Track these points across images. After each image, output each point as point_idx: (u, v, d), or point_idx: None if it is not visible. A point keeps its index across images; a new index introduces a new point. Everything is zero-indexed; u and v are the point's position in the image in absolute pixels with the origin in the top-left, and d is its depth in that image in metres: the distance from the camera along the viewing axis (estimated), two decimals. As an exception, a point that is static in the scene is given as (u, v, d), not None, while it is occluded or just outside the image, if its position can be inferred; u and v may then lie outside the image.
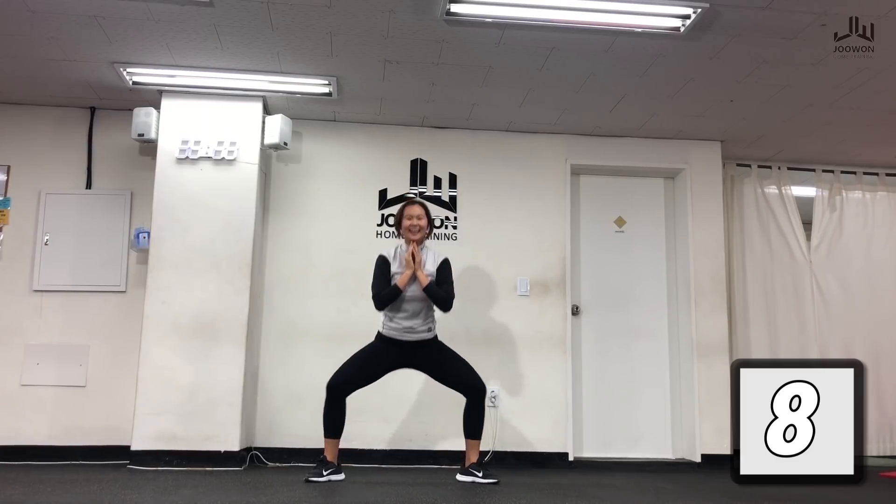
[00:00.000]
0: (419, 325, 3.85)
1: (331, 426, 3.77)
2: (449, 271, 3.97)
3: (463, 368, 3.89)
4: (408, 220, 3.93)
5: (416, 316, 3.84)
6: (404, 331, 3.84)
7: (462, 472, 3.84)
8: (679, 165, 5.30)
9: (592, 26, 3.69)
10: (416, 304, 3.83)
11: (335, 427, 3.78)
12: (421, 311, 3.85)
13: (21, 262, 4.74)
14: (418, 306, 3.84)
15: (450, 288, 3.92)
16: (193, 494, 3.32)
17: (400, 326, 3.84)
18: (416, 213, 3.95)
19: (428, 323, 3.89)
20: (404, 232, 3.96)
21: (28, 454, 4.50)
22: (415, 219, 3.93)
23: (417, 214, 3.94)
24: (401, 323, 3.84)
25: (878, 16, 3.52)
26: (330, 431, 3.78)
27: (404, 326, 3.83)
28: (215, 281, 4.48)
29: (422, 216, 3.95)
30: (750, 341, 5.35)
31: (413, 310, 3.83)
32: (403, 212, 3.99)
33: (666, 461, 5.05)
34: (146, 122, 4.58)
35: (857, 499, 3.44)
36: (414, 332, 3.84)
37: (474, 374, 3.88)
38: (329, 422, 3.77)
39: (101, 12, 3.67)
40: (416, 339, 3.85)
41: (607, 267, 5.29)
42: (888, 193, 5.72)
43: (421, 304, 3.84)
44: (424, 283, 3.79)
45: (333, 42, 3.95)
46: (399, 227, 4.02)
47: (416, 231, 3.91)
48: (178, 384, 4.36)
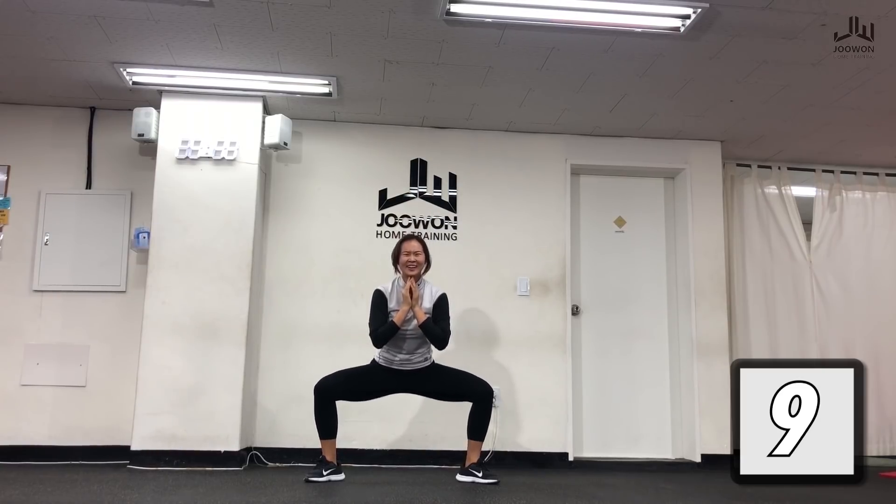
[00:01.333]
0: (416, 359, 3.87)
1: (323, 428, 3.78)
2: (446, 307, 3.94)
3: (464, 380, 3.89)
4: (405, 256, 3.92)
5: (414, 352, 3.86)
6: (401, 362, 3.86)
7: (462, 472, 3.85)
8: (679, 165, 5.30)
9: (592, 26, 3.69)
10: (414, 342, 3.84)
11: (328, 428, 3.79)
12: (418, 348, 3.86)
13: (21, 262, 4.74)
14: (415, 343, 3.85)
15: (446, 325, 3.90)
16: (193, 494, 3.32)
17: (396, 359, 3.86)
18: (413, 248, 3.93)
19: (425, 355, 3.90)
20: (402, 267, 3.93)
21: (28, 454, 4.50)
22: (412, 255, 3.91)
23: (415, 250, 3.93)
24: (397, 356, 3.85)
25: (878, 16, 3.52)
26: (323, 433, 3.79)
27: (401, 359, 3.85)
28: (215, 281, 4.48)
29: (419, 252, 3.94)
30: (750, 341, 5.35)
31: (410, 347, 3.85)
32: (401, 247, 3.97)
33: (666, 461, 5.05)
34: (146, 122, 4.58)
35: (857, 499, 3.44)
36: (410, 364, 3.86)
37: (478, 380, 3.88)
38: (320, 424, 3.78)
39: (101, 12, 3.67)
40: (413, 369, 3.87)
41: (607, 267, 5.29)
42: (888, 193, 5.72)
43: (418, 342, 3.85)
44: (422, 320, 3.78)
45: (333, 42, 3.95)
46: (396, 261, 4.00)
47: (413, 267, 3.89)
48: (178, 384, 4.36)
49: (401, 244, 4.00)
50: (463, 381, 3.89)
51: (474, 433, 3.85)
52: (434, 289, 3.97)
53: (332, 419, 3.80)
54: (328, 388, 3.79)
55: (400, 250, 3.98)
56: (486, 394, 3.82)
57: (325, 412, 3.77)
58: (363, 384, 3.88)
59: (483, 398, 3.82)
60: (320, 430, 3.78)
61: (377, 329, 3.83)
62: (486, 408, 3.83)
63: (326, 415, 3.78)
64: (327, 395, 3.78)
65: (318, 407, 3.77)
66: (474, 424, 3.84)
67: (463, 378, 3.90)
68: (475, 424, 3.84)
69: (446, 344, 3.89)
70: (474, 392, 3.84)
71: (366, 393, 3.93)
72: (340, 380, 3.83)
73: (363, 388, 3.90)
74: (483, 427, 3.84)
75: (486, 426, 3.85)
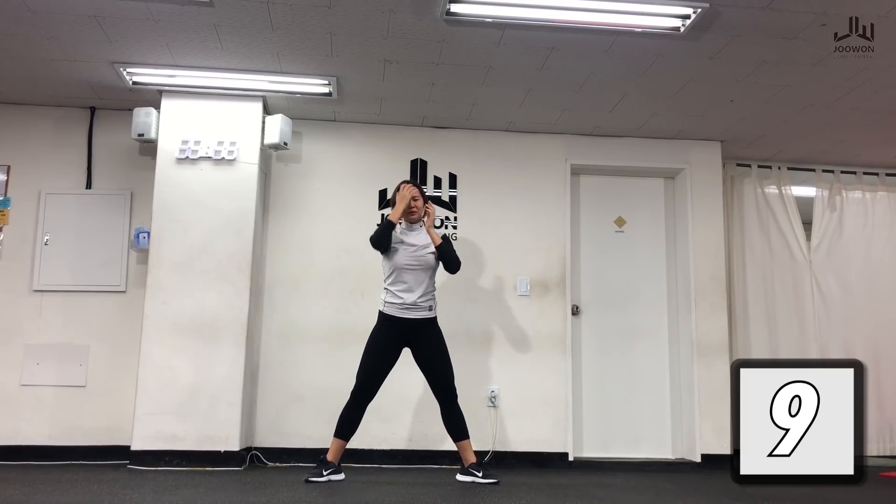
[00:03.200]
0: (420, 300, 3.84)
1: (345, 427, 3.78)
2: (450, 243, 4.04)
3: (448, 369, 3.89)
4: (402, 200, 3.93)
5: (416, 289, 3.83)
6: (405, 307, 3.83)
7: (462, 472, 3.85)
8: (679, 165, 5.30)
9: (592, 26, 3.69)
10: (417, 275, 3.84)
11: (349, 429, 3.79)
12: (422, 282, 3.85)
13: (21, 262, 4.74)
14: (419, 277, 3.84)
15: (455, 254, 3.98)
16: (193, 494, 3.32)
17: (401, 301, 3.83)
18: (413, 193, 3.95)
19: (429, 300, 3.89)
20: None
21: (28, 454, 4.50)
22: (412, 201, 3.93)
23: (414, 195, 3.95)
24: (402, 297, 3.83)
25: (878, 16, 3.52)
26: (342, 432, 3.78)
27: (405, 302, 3.82)
28: (215, 281, 4.48)
29: (417, 196, 3.96)
30: (750, 341, 5.35)
31: (413, 281, 3.83)
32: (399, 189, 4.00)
33: (666, 461, 5.05)
34: (146, 122, 4.58)
35: (857, 499, 3.44)
36: (415, 309, 3.84)
37: (451, 376, 3.89)
38: (345, 422, 3.77)
39: (101, 12, 3.67)
40: (418, 317, 3.84)
41: (607, 267, 5.29)
42: (888, 193, 5.72)
43: (422, 275, 3.85)
44: (437, 242, 3.88)
45: (333, 42, 3.95)
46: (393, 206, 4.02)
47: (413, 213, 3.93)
48: (178, 384, 4.36)
49: (397, 191, 4.02)
50: (447, 368, 3.88)
51: (457, 434, 3.85)
52: None
53: (357, 421, 3.80)
54: (369, 384, 3.78)
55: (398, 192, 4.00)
56: (447, 391, 3.84)
57: (354, 412, 3.78)
58: (385, 348, 3.83)
59: (450, 395, 3.84)
60: (341, 428, 3.77)
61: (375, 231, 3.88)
62: (454, 406, 3.85)
63: (355, 415, 3.78)
64: (370, 390, 3.78)
65: (351, 406, 3.78)
66: (451, 426, 3.86)
67: (445, 364, 3.88)
68: (452, 426, 3.86)
69: (459, 267, 3.97)
70: (440, 384, 3.84)
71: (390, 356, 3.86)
72: (371, 365, 3.80)
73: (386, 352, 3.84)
74: (461, 425, 3.85)
75: (463, 423, 3.86)
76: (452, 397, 3.85)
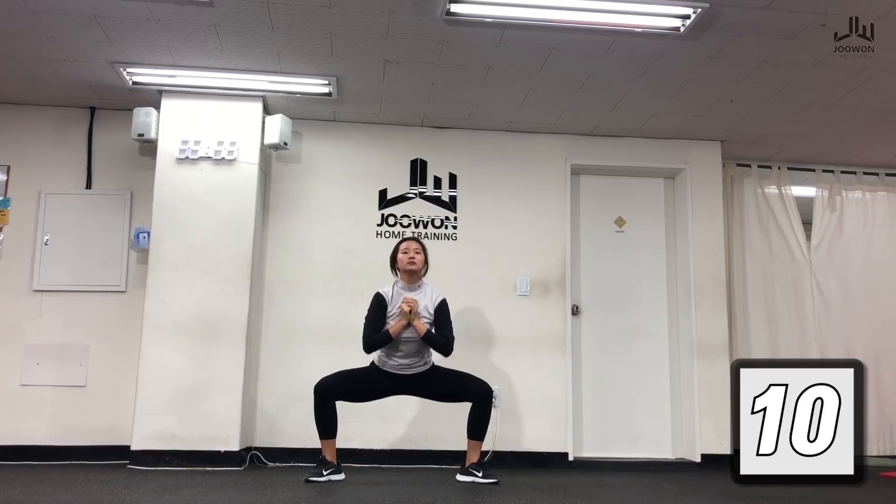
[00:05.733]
0: (415, 363, 3.86)
1: (323, 427, 3.78)
2: (448, 314, 3.94)
3: (464, 381, 3.88)
4: (404, 254, 3.92)
5: (413, 356, 3.84)
6: (400, 367, 3.85)
7: (462, 472, 3.85)
8: (679, 165, 5.30)
9: (592, 26, 3.69)
10: (412, 346, 3.83)
11: (327, 428, 3.78)
12: (417, 351, 3.84)
13: (21, 262, 4.74)
14: (414, 347, 3.83)
15: (449, 332, 3.89)
16: (193, 494, 3.32)
17: (396, 364, 3.85)
18: (413, 246, 3.95)
19: (424, 359, 3.88)
20: (401, 265, 3.94)
21: (28, 454, 4.49)
22: (412, 251, 3.92)
23: (415, 248, 3.94)
24: (397, 361, 3.84)
25: (878, 16, 3.52)
26: (323, 432, 3.78)
27: (400, 364, 3.84)
28: (215, 281, 4.48)
29: (419, 250, 3.95)
30: (750, 341, 5.35)
31: (409, 350, 3.83)
32: (399, 246, 4.00)
33: (666, 461, 5.05)
34: (146, 122, 4.58)
35: (857, 499, 3.44)
36: (410, 368, 3.86)
37: (477, 380, 3.87)
38: (320, 423, 3.77)
39: (101, 12, 3.67)
40: (412, 374, 3.86)
41: (607, 267, 5.29)
42: (888, 193, 5.72)
43: (417, 345, 3.83)
44: (422, 333, 3.77)
45: (333, 42, 3.95)
46: (394, 263, 4.01)
47: (412, 265, 3.89)
48: (178, 384, 4.36)
49: (399, 244, 4.02)
50: (462, 381, 3.88)
51: (474, 433, 3.84)
52: (434, 294, 3.96)
53: (331, 419, 3.79)
54: (328, 389, 3.78)
55: (398, 250, 3.99)
56: (485, 393, 3.82)
57: (324, 412, 3.77)
58: (362, 385, 3.88)
59: (482, 398, 3.81)
60: (320, 429, 3.78)
61: (371, 336, 3.83)
62: (486, 407, 3.82)
63: (326, 415, 3.77)
64: (327, 395, 3.77)
65: (318, 407, 3.77)
66: (474, 424, 3.84)
67: (462, 378, 3.89)
68: (475, 424, 3.84)
69: (451, 350, 3.89)
70: (474, 392, 3.83)
71: (365, 394, 3.93)
72: (340, 380, 3.83)
73: (362, 389, 3.89)
74: (483, 427, 3.84)
75: (486, 426, 3.84)
76: (488, 397, 3.81)
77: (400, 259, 3.94)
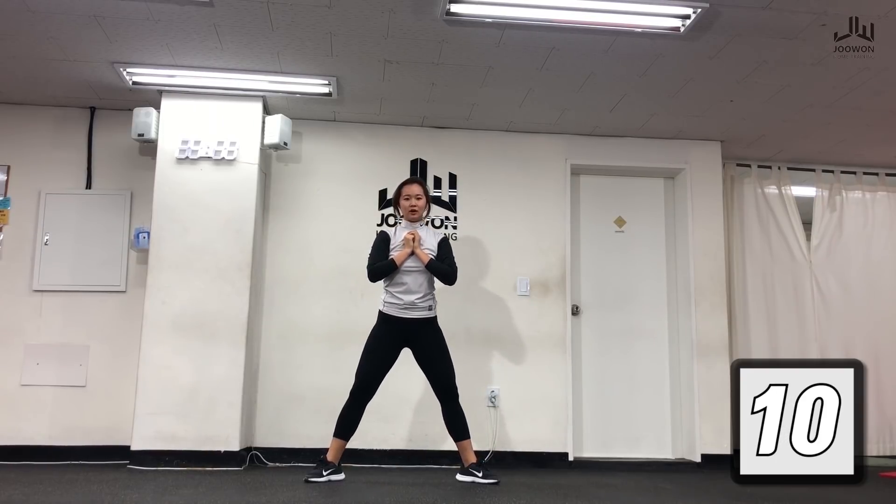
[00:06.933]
0: (419, 301, 3.83)
1: (344, 427, 3.77)
2: (449, 248, 3.98)
3: (448, 368, 3.88)
4: (406, 200, 3.93)
5: (416, 290, 3.82)
6: (404, 307, 3.81)
7: (462, 472, 3.85)
8: (679, 165, 5.30)
9: (592, 26, 3.69)
10: (416, 277, 3.82)
11: (348, 429, 3.78)
12: (420, 284, 3.83)
13: (21, 262, 4.74)
14: (418, 279, 3.82)
15: (451, 262, 3.93)
16: (193, 494, 3.32)
17: (400, 302, 3.82)
18: (414, 191, 3.93)
19: (428, 300, 3.87)
20: (403, 211, 3.95)
21: (28, 454, 4.50)
22: (413, 198, 3.92)
23: (416, 193, 3.93)
24: (401, 298, 3.82)
25: (878, 16, 3.52)
26: (341, 432, 3.77)
27: (405, 302, 3.81)
28: (215, 281, 4.48)
29: (420, 195, 3.94)
30: (750, 341, 5.35)
31: (412, 283, 3.82)
32: (401, 190, 3.97)
33: (666, 461, 5.05)
34: (146, 122, 4.58)
35: (857, 499, 3.44)
36: (414, 309, 3.82)
37: (452, 376, 3.87)
38: (343, 422, 3.77)
39: (101, 12, 3.67)
40: (417, 317, 3.83)
41: (607, 267, 5.29)
42: (888, 193, 5.72)
43: (420, 277, 3.83)
44: (426, 261, 3.80)
45: (333, 42, 3.95)
46: (397, 205, 4.02)
47: (415, 211, 3.91)
48: (178, 384, 4.36)
49: (401, 187, 3.99)
50: (448, 367, 3.87)
51: (458, 434, 3.84)
52: (435, 232, 4.00)
53: (356, 421, 3.79)
54: (368, 383, 3.77)
55: (400, 193, 3.97)
56: (448, 390, 3.83)
57: (353, 412, 3.77)
58: (383, 349, 3.82)
59: (451, 395, 3.83)
60: (340, 428, 3.76)
61: (375, 263, 3.84)
62: (456, 406, 3.84)
63: (354, 415, 3.77)
64: (368, 389, 3.77)
65: (350, 406, 3.77)
66: (452, 426, 3.84)
67: (446, 365, 3.86)
68: (453, 426, 3.84)
69: (455, 278, 3.92)
70: (441, 384, 3.82)
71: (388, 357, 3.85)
72: (369, 365, 3.79)
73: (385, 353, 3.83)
74: (462, 425, 3.84)
75: (463, 424, 3.84)
76: (453, 396, 3.85)
77: (402, 205, 3.95)
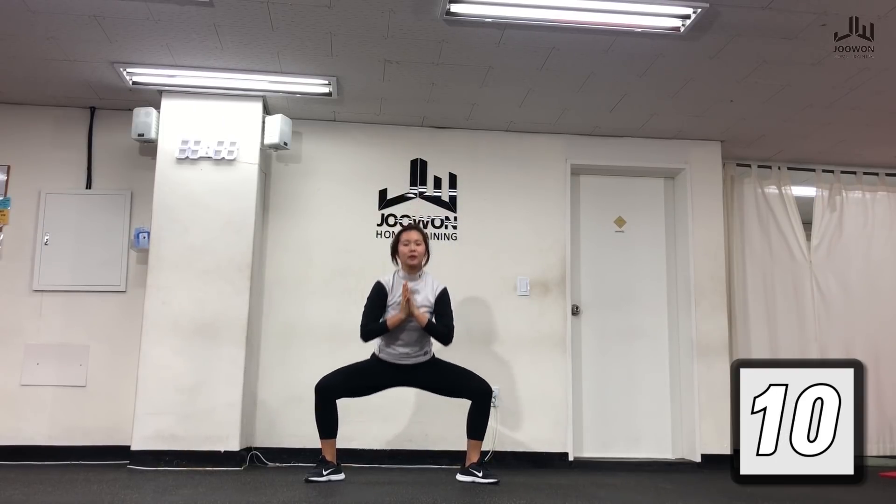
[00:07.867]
0: (415, 352, 3.84)
1: (324, 427, 3.77)
2: (448, 302, 3.91)
3: (464, 376, 3.87)
4: (405, 247, 3.87)
5: (413, 344, 3.82)
6: (400, 356, 3.83)
7: (462, 472, 3.84)
8: (679, 165, 5.30)
9: (592, 26, 3.69)
10: (411, 333, 3.81)
11: (328, 428, 3.77)
12: (417, 340, 3.83)
13: (21, 262, 4.74)
14: (414, 335, 3.81)
15: (450, 321, 3.87)
16: (193, 494, 3.32)
17: (396, 353, 3.83)
18: (413, 237, 3.89)
19: (425, 348, 3.87)
20: (401, 258, 3.90)
21: (28, 454, 4.50)
22: (412, 244, 3.87)
23: (415, 239, 3.88)
24: (397, 350, 3.82)
25: (878, 16, 3.52)
26: (324, 432, 3.77)
27: (400, 353, 3.82)
28: (215, 281, 4.48)
29: (420, 241, 3.89)
30: (750, 341, 5.35)
31: (409, 339, 3.82)
32: (400, 237, 3.94)
33: (666, 461, 5.05)
34: (146, 122, 4.58)
35: (857, 499, 3.44)
36: (410, 358, 3.84)
37: (477, 378, 3.86)
38: (321, 423, 3.76)
39: (101, 12, 3.67)
40: (412, 363, 3.85)
41: (607, 267, 5.29)
42: (888, 193, 5.72)
43: (416, 333, 3.81)
44: (424, 323, 3.75)
45: (333, 42, 3.95)
46: (395, 253, 3.96)
47: (414, 258, 3.85)
48: (178, 384, 4.36)
49: (400, 234, 3.96)
50: (462, 376, 3.87)
51: (474, 432, 3.83)
52: (435, 283, 3.94)
53: (332, 419, 3.78)
54: (329, 388, 3.77)
55: (399, 240, 3.94)
56: (484, 392, 3.81)
57: (325, 412, 3.76)
58: (364, 380, 3.86)
59: (481, 396, 3.81)
60: (321, 429, 3.77)
61: (368, 325, 3.83)
62: (485, 406, 3.81)
63: (327, 414, 3.77)
64: (328, 394, 3.76)
65: (319, 406, 3.76)
66: (473, 423, 3.83)
67: (462, 374, 3.88)
68: (474, 423, 3.83)
69: (451, 339, 3.87)
70: (473, 389, 3.82)
71: (366, 388, 3.91)
72: (341, 378, 3.82)
73: (364, 383, 3.87)
74: (482, 426, 3.83)
75: (485, 425, 3.84)
76: (488, 396, 3.81)
77: (401, 251, 3.90)
